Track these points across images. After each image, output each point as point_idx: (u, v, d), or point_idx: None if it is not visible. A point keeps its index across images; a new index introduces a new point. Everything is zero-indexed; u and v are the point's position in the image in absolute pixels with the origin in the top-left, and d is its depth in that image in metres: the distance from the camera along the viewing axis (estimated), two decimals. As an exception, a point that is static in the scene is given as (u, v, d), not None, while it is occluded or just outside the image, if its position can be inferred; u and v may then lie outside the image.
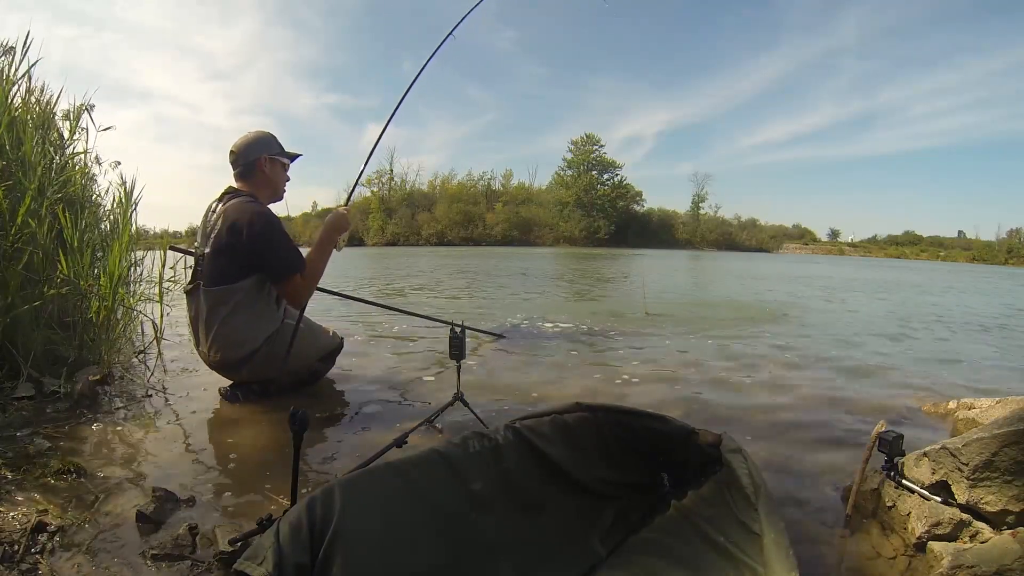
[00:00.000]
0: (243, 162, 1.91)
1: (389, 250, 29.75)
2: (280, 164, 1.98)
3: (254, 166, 1.91)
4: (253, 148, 1.92)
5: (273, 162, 1.95)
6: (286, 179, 2.03)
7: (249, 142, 1.92)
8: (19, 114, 2.14)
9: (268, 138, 1.96)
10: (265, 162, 1.92)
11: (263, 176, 1.93)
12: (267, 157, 1.92)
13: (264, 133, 1.97)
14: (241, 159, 1.91)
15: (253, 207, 1.83)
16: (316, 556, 0.78)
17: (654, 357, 2.89)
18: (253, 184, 1.93)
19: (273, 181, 1.96)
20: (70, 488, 1.22)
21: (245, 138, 1.94)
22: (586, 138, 49.35)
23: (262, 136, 1.96)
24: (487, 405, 1.96)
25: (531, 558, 0.94)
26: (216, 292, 1.82)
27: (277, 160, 1.96)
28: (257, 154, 1.91)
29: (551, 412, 1.11)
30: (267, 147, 1.94)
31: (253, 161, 1.91)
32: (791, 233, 51.96)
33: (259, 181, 1.93)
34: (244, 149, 1.91)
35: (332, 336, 2.14)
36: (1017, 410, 1.23)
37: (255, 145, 1.92)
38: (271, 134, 1.98)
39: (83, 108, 2.51)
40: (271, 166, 1.94)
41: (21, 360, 1.83)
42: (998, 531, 1.03)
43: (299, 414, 0.92)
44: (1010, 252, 38.28)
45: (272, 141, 1.97)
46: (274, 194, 1.98)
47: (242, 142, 1.93)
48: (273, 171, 1.95)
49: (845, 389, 2.35)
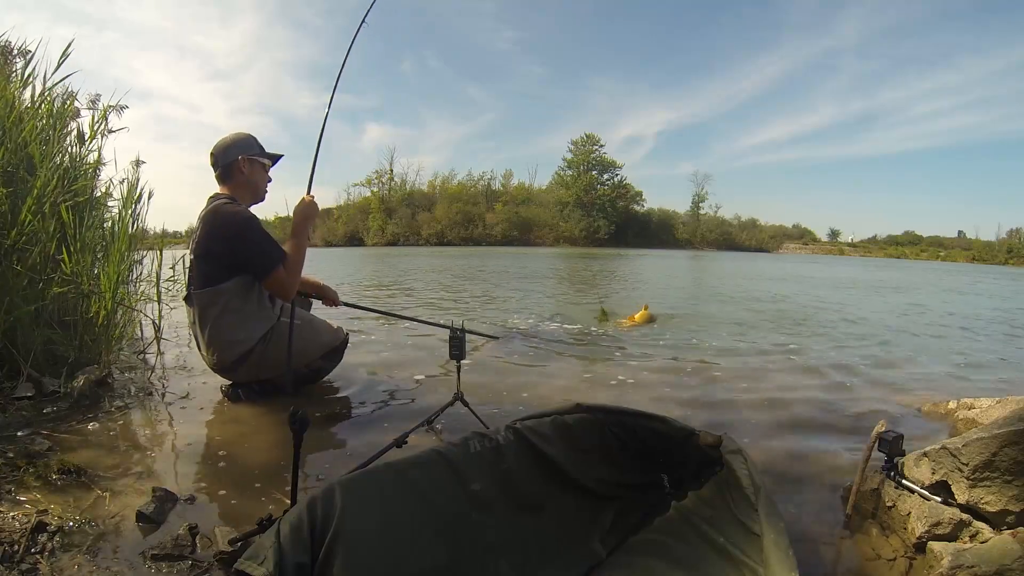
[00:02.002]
0: (222, 163, 1.91)
1: (389, 250, 29.75)
2: (260, 165, 1.96)
3: (232, 168, 1.90)
4: (231, 150, 1.90)
5: (252, 163, 1.93)
6: (267, 180, 2.01)
7: (227, 144, 1.91)
8: (27, 113, 2.13)
9: (247, 139, 1.95)
10: (244, 163, 1.90)
11: (242, 177, 1.92)
12: (245, 158, 1.91)
13: (243, 134, 1.96)
14: (220, 161, 1.90)
15: (227, 208, 1.82)
16: (316, 556, 0.78)
17: (655, 358, 2.89)
18: (233, 186, 1.92)
19: (253, 182, 1.95)
20: (70, 488, 1.22)
21: (223, 140, 1.93)
22: (586, 138, 49.33)
23: (240, 137, 1.94)
24: (487, 405, 1.96)
25: (531, 558, 0.94)
26: (204, 295, 1.82)
27: (256, 160, 1.94)
28: (235, 155, 1.90)
29: (551, 413, 1.11)
30: (246, 148, 1.92)
31: (231, 163, 1.90)
32: (791, 233, 51.95)
33: (239, 183, 1.92)
34: (222, 151, 1.90)
35: (336, 331, 2.11)
36: (1017, 410, 1.23)
37: (233, 147, 1.91)
38: (251, 135, 1.97)
39: (108, 108, 2.50)
40: (250, 167, 1.92)
41: (21, 360, 1.83)
42: (998, 531, 1.03)
43: (299, 414, 0.92)
44: (1010, 252, 38.27)
45: (251, 142, 1.95)
46: (255, 195, 1.97)
47: (220, 144, 1.92)
48: (252, 172, 1.94)
49: (845, 389, 2.35)
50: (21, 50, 2.15)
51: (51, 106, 2.31)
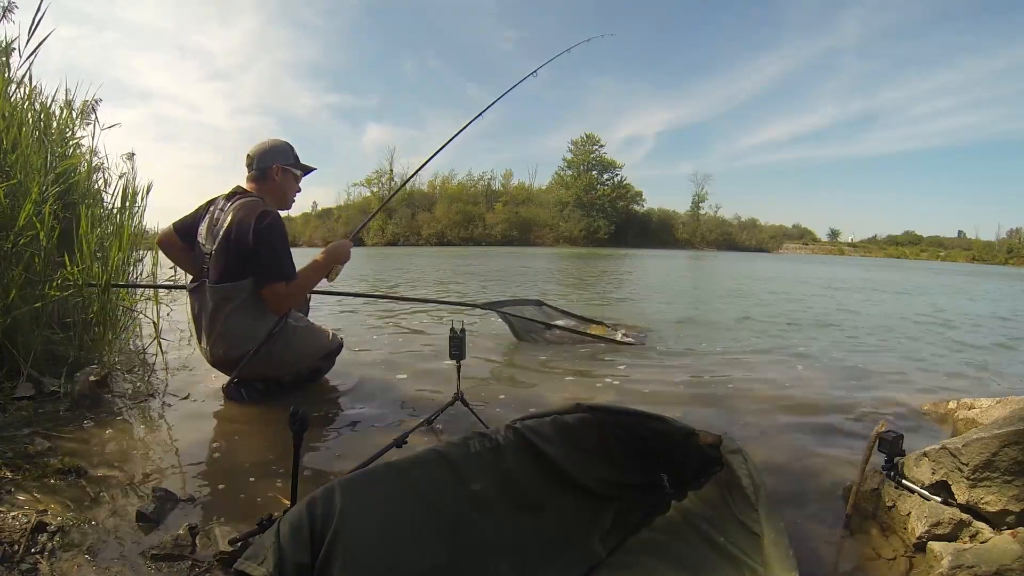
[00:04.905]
0: (257, 167, 1.97)
1: (389, 250, 29.75)
2: (292, 175, 2.04)
3: (266, 172, 1.97)
4: (268, 155, 1.98)
5: (285, 172, 2.01)
6: (296, 190, 2.09)
7: (265, 149, 1.99)
8: (18, 112, 2.13)
9: (284, 147, 2.03)
10: (278, 171, 1.98)
11: (273, 183, 1.98)
12: (280, 166, 1.98)
13: (282, 142, 2.03)
14: (256, 164, 1.97)
15: (262, 207, 1.86)
16: (316, 556, 0.78)
17: (655, 358, 2.89)
18: (262, 189, 1.98)
19: (282, 190, 2.02)
20: (70, 488, 1.22)
21: (262, 144, 2.01)
22: (586, 138, 49.40)
23: (278, 145, 2.02)
24: (487, 405, 1.96)
25: (531, 558, 0.94)
26: (221, 289, 1.83)
27: (289, 171, 2.02)
28: (271, 161, 1.97)
29: (552, 412, 1.11)
30: (282, 156, 2.00)
31: (266, 168, 1.97)
32: (791, 233, 51.99)
33: (268, 187, 1.98)
34: (260, 155, 1.98)
35: (332, 338, 2.16)
36: (1017, 410, 1.23)
37: (270, 153, 1.99)
38: (288, 144, 2.04)
39: (88, 104, 2.50)
40: (283, 175, 2.00)
41: (21, 360, 1.83)
42: (998, 531, 1.03)
43: (299, 414, 0.92)
44: (1010, 252, 38.31)
45: (288, 151, 2.03)
46: (281, 202, 2.03)
47: (259, 148, 1.99)
48: (284, 180, 2.01)
49: (845, 389, 2.35)
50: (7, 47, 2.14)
51: (44, 106, 2.31)
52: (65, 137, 2.47)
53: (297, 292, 1.90)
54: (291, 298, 1.88)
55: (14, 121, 2.01)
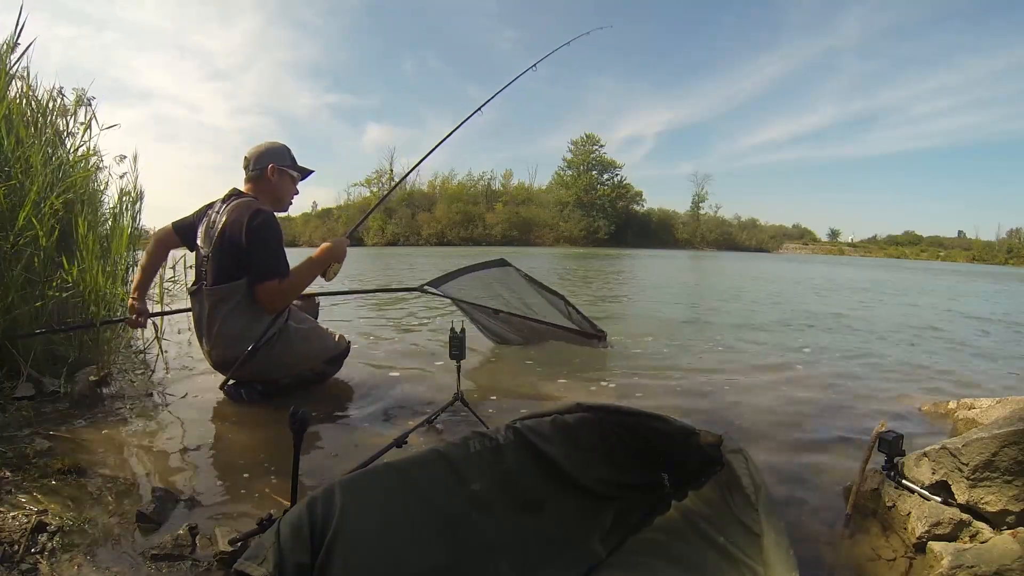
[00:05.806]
0: (254, 168, 1.98)
1: (389, 250, 29.74)
2: (288, 176, 2.04)
3: (263, 173, 1.97)
4: (264, 157, 1.98)
5: (281, 173, 2.00)
6: (294, 192, 2.08)
7: (262, 151, 1.99)
8: (15, 110, 2.13)
9: (281, 149, 2.03)
10: (273, 171, 1.97)
11: (269, 184, 1.98)
12: (275, 167, 1.98)
13: (278, 144, 2.04)
14: (252, 165, 1.98)
15: (255, 206, 1.86)
16: (316, 556, 0.78)
17: (656, 358, 2.89)
18: (259, 190, 1.98)
19: (278, 191, 2.01)
20: (70, 488, 1.22)
21: (259, 147, 2.01)
22: (586, 138, 49.44)
23: (274, 147, 2.02)
24: (487, 405, 1.96)
25: (531, 558, 0.94)
26: (218, 290, 1.83)
27: (286, 172, 2.02)
28: (267, 162, 1.97)
29: (552, 412, 1.11)
30: (278, 158, 2.00)
31: (262, 169, 1.97)
32: (791, 233, 52.01)
33: (264, 188, 1.98)
34: (256, 157, 1.98)
35: (338, 341, 2.15)
36: (1017, 410, 1.23)
37: (266, 154, 1.99)
38: (285, 146, 2.04)
39: (80, 101, 2.50)
40: (279, 176, 1.99)
41: (21, 360, 1.83)
42: (998, 531, 1.03)
43: (299, 414, 0.92)
44: (1010, 252, 38.33)
45: (284, 152, 2.03)
46: (277, 203, 2.02)
47: (255, 150, 2.00)
48: (280, 181, 2.00)
49: (845, 389, 2.35)
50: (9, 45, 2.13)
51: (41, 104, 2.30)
52: (62, 136, 2.46)
53: (290, 290, 1.88)
54: (284, 296, 1.87)
55: (13, 121, 2.01)
